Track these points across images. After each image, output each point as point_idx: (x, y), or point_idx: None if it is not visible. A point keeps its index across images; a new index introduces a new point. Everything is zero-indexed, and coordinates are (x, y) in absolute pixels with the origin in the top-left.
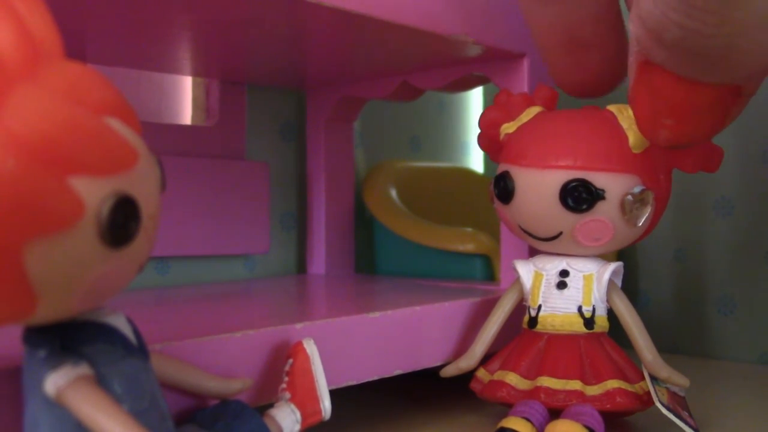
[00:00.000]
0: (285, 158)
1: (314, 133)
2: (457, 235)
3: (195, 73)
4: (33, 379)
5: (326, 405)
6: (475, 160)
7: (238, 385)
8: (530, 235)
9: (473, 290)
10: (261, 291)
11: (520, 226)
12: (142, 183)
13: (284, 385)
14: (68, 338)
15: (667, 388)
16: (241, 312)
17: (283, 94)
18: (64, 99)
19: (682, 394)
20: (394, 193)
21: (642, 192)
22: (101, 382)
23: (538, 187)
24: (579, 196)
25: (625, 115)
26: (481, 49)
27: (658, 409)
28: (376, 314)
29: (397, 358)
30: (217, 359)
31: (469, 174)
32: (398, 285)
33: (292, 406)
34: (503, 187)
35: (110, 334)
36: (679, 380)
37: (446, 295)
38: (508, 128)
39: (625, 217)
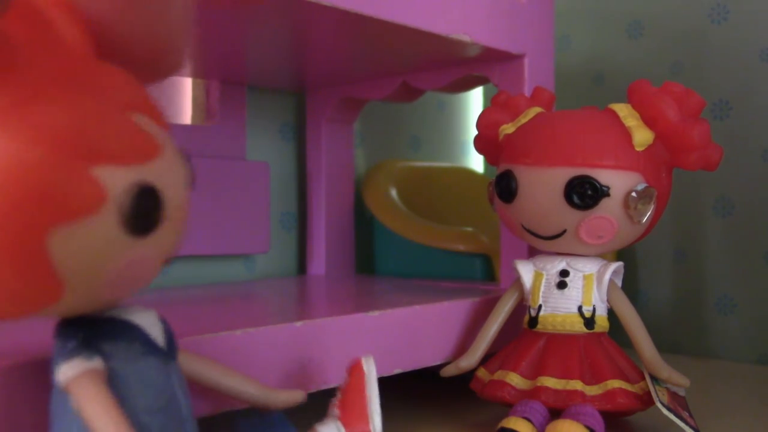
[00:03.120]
0: (285, 158)
1: (314, 134)
2: (457, 235)
3: (195, 75)
4: (54, 369)
5: (377, 426)
6: (475, 159)
7: (284, 397)
8: (533, 234)
9: (473, 290)
10: (261, 291)
11: (522, 225)
12: (166, 175)
13: (335, 401)
14: (91, 333)
15: (667, 388)
16: (240, 312)
17: (283, 94)
18: (90, 94)
19: (682, 394)
20: (394, 193)
21: (645, 189)
22: (114, 378)
23: (543, 185)
24: (584, 193)
25: (628, 114)
26: (480, 49)
27: (659, 409)
28: (376, 314)
29: (397, 357)
30: (217, 357)
31: (469, 174)
32: (398, 285)
33: (339, 423)
34: (506, 186)
35: (131, 331)
36: (679, 380)
37: (446, 295)
38: (508, 129)
39: (629, 213)
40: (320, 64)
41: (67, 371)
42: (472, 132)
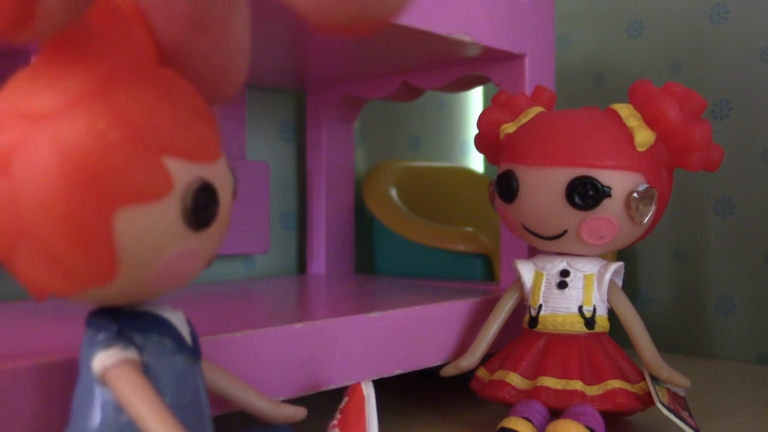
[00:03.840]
0: (285, 158)
1: (314, 133)
2: (457, 235)
3: None
4: (86, 359)
5: None
6: (475, 160)
7: (289, 411)
8: (534, 234)
9: (473, 290)
10: (261, 291)
11: (523, 225)
12: (221, 178)
13: (335, 422)
14: (124, 325)
15: (667, 388)
16: (241, 312)
17: (283, 93)
18: (164, 92)
19: (682, 394)
20: (394, 193)
21: (647, 190)
22: (146, 371)
23: (544, 185)
24: (586, 194)
25: (629, 114)
26: (481, 49)
27: (659, 409)
28: (376, 314)
29: (397, 358)
30: (217, 359)
31: (469, 174)
32: (398, 285)
33: None
34: (507, 186)
35: (165, 327)
36: (679, 380)
37: (446, 295)
38: (508, 128)
39: (630, 214)
40: (320, 63)
41: (105, 359)
42: (472, 132)
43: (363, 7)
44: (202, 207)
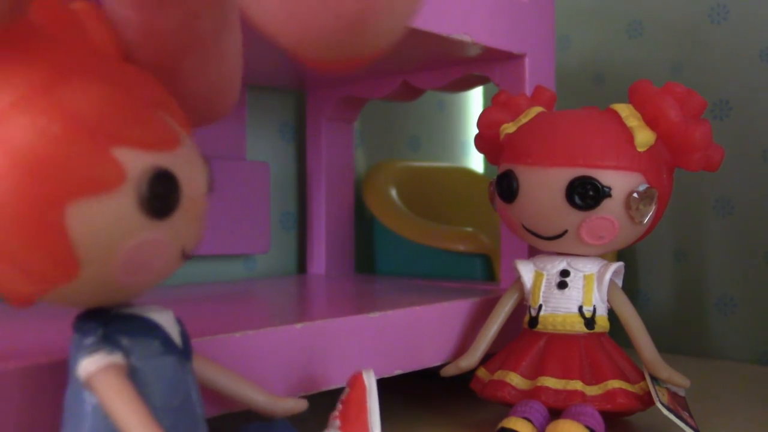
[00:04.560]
0: (285, 158)
1: (314, 133)
2: (457, 235)
3: None
4: (73, 364)
5: None
6: (475, 160)
7: (289, 405)
8: (534, 234)
9: (473, 290)
10: (261, 291)
11: (523, 225)
12: (184, 167)
13: (336, 413)
14: (111, 328)
15: (667, 389)
16: (241, 312)
17: (283, 94)
18: (114, 86)
19: (682, 394)
20: (394, 193)
21: (647, 190)
22: (134, 374)
23: (544, 185)
24: (586, 194)
25: (630, 114)
26: (481, 49)
27: (659, 409)
28: (376, 314)
29: (397, 358)
30: (217, 359)
31: (469, 174)
32: (398, 285)
33: None
34: (507, 186)
35: (152, 329)
36: (679, 380)
37: (446, 295)
38: (509, 128)
39: (630, 214)
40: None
41: (89, 366)
42: (472, 132)
43: (353, 44)
44: (160, 195)
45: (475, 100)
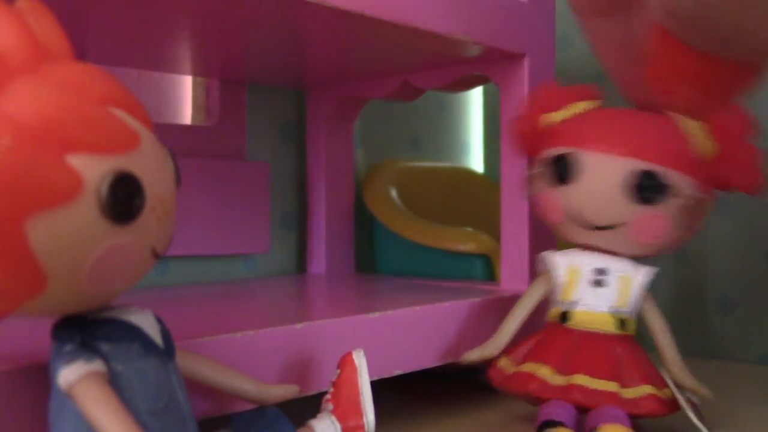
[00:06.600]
0: (285, 158)
1: (314, 133)
2: (457, 235)
3: (195, 73)
4: (54, 373)
5: (370, 419)
6: (475, 160)
7: (280, 392)
8: (582, 223)
9: (473, 290)
10: (261, 291)
11: (570, 213)
12: (146, 165)
13: (328, 396)
14: (89, 335)
15: (686, 395)
16: (241, 312)
17: (283, 94)
18: (62, 88)
19: (695, 400)
20: (394, 193)
21: (703, 197)
22: (116, 379)
23: (608, 172)
24: (650, 187)
25: (685, 122)
26: (481, 49)
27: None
28: (376, 315)
29: (397, 358)
30: (217, 359)
31: (469, 174)
32: (398, 285)
33: (333, 417)
34: (564, 167)
35: (131, 332)
36: (702, 391)
37: (446, 295)
38: (556, 116)
39: (684, 217)
40: (321, 63)
41: (69, 375)
42: (473, 132)
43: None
44: (122, 199)
45: (475, 100)
